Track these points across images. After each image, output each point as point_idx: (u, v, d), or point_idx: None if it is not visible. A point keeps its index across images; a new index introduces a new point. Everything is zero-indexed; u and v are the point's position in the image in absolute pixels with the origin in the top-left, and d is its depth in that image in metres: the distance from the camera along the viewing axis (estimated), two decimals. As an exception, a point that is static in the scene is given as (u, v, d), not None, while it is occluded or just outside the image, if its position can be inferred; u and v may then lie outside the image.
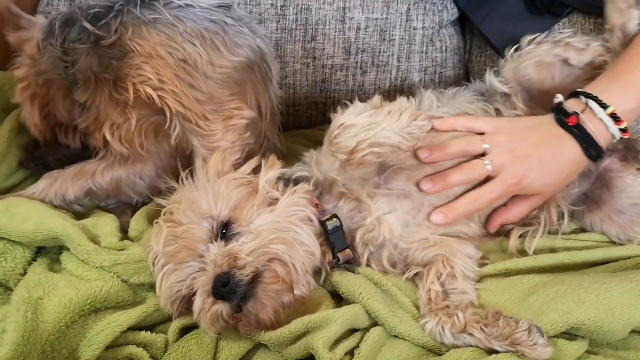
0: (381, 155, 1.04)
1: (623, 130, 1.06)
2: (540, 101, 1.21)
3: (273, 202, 1.07)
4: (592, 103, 1.05)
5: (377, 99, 1.11)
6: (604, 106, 1.05)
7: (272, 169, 1.11)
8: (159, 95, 1.10)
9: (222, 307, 0.95)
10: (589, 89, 1.08)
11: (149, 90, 1.10)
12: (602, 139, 1.06)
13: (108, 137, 1.17)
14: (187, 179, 1.10)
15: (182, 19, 1.14)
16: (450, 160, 1.10)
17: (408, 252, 1.11)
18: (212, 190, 1.06)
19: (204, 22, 1.16)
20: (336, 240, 1.09)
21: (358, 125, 1.04)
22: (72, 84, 1.16)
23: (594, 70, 1.17)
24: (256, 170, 1.13)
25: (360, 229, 1.10)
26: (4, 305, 0.99)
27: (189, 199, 1.06)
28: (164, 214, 1.08)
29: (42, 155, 1.33)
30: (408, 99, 1.17)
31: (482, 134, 1.11)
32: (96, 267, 1.04)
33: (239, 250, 0.98)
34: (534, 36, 1.22)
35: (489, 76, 1.24)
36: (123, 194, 1.27)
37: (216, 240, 1.01)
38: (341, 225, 1.09)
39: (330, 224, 1.09)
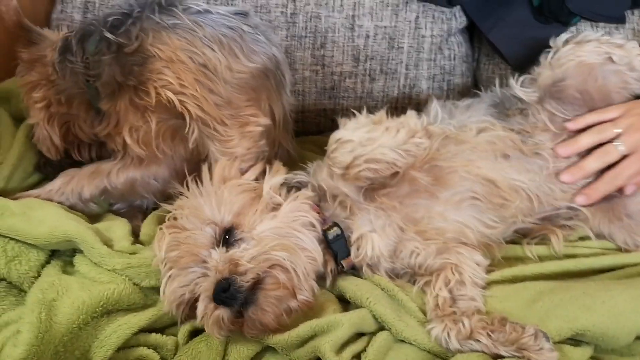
0: (377, 171, 1.05)
1: None
2: (576, 104, 1.18)
3: (276, 207, 1.08)
4: None
5: (380, 114, 1.11)
6: None
7: (277, 175, 1.13)
8: (179, 100, 1.11)
9: (223, 313, 0.96)
10: None
11: (170, 94, 1.11)
12: None
13: (127, 140, 1.18)
14: (192, 184, 1.11)
15: (201, 25, 1.15)
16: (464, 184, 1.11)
17: (409, 264, 1.11)
18: (216, 196, 1.07)
19: (222, 28, 1.18)
20: (338, 249, 1.10)
21: (355, 140, 1.04)
22: (93, 96, 1.18)
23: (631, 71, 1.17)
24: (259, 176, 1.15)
25: (353, 244, 1.11)
26: (19, 306, 1.01)
27: (192, 204, 1.07)
28: (167, 220, 1.09)
29: (60, 161, 1.34)
30: (418, 113, 1.15)
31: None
32: (108, 270, 1.06)
33: (240, 256, 0.99)
34: (567, 36, 1.19)
35: (513, 84, 1.20)
36: (137, 194, 1.28)
37: (219, 246, 1.02)
38: (342, 233, 1.10)
39: (331, 233, 1.10)
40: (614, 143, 1.13)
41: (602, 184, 1.15)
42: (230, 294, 0.95)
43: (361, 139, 1.05)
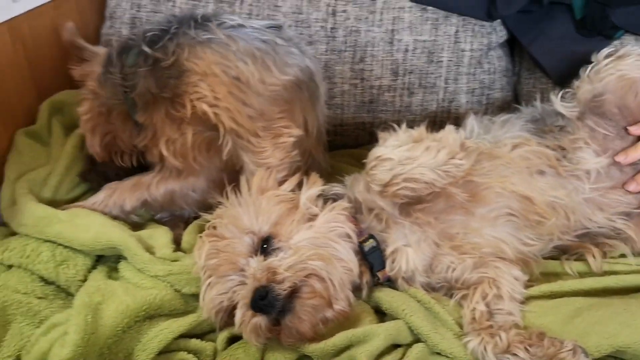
0: (415, 190, 1.04)
1: None
2: (616, 120, 1.17)
3: (312, 218, 1.09)
4: None
5: (420, 130, 1.11)
6: None
7: (314, 187, 1.14)
8: (214, 112, 1.14)
9: (261, 320, 0.98)
10: None
11: (205, 107, 1.13)
12: None
13: (164, 152, 1.22)
14: (231, 194, 1.13)
15: (234, 39, 1.18)
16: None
17: (445, 278, 1.11)
18: (254, 206, 1.08)
19: (255, 41, 1.20)
20: (374, 261, 1.10)
21: (394, 159, 1.04)
22: (130, 107, 1.22)
23: None
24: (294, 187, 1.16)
25: (388, 257, 1.11)
26: (67, 309, 1.04)
27: (231, 214, 1.09)
28: (207, 228, 1.11)
29: (103, 168, 1.39)
30: (457, 129, 1.16)
31: None
32: (151, 276, 1.09)
33: (277, 265, 1.00)
34: (609, 50, 1.18)
35: (554, 99, 1.20)
36: (176, 205, 1.31)
37: (256, 255, 1.03)
38: (378, 245, 1.10)
39: (367, 245, 1.10)
40: None
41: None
42: (268, 301, 0.97)
43: (401, 157, 1.04)
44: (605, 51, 1.18)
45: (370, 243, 1.10)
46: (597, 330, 0.96)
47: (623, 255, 1.16)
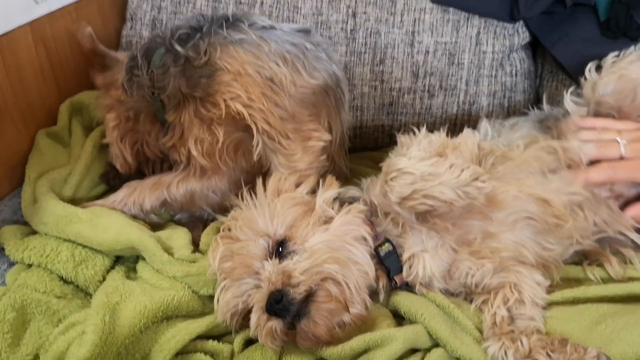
0: (433, 207, 1.02)
1: None
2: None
3: (328, 221, 1.09)
4: None
5: (441, 138, 1.09)
6: None
7: (330, 189, 1.13)
8: (248, 113, 1.13)
9: (276, 324, 0.97)
10: None
11: (239, 107, 1.13)
12: None
13: (193, 151, 1.21)
14: (246, 196, 1.12)
15: (266, 40, 1.18)
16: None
17: (465, 284, 1.09)
18: (269, 208, 1.08)
19: (286, 44, 1.20)
20: (390, 265, 1.09)
21: (416, 174, 1.02)
22: (158, 109, 1.22)
23: None
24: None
25: (404, 263, 1.10)
26: (85, 308, 1.05)
27: (246, 216, 1.09)
28: (222, 230, 1.11)
29: (127, 174, 1.39)
30: (473, 131, 1.16)
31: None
32: (169, 277, 1.09)
33: (293, 268, 0.99)
34: (618, 53, 1.19)
35: (565, 96, 1.20)
36: (196, 206, 1.31)
37: (271, 258, 1.03)
38: (394, 249, 1.09)
39: (382, 250, 1.09)
40: (617, 139, 1.10)
41: (595, 171, 1.10)
42: (283, 305, 0.96)
43: (423, 172, 1.02)
44: (614, 54, 1.19)
45: (386, 247, 1.09)
46: (621, 337, 0.94)
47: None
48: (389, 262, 1.09)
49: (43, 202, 1.21)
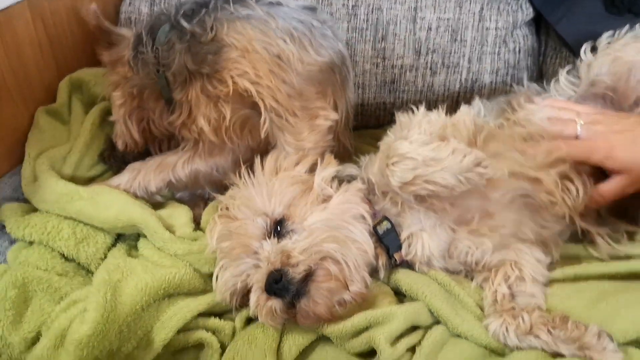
0: (433, 192, 1.01)
1: None
2: (608, 105, 1.17)
3: (327, 199, 1.08)
4: None
5: (440, 119, 1.09)
6: None
7: (328, 168, 1.13)
8: (256, 90, 1.12)
9: (276, 303, 0.97)
10: None
11: (247, 84, 1.12)
12: None
13: (204, 127, 1.19)
14: (244, 175, 1.12)
15: (274, 16, 1.16)
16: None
17: (465, 262, 1.09)
18: (267, 187, 1.08)
19: (293, 21, 1.18)
20: (389, 243, 1.09)
21: (419, 160, 1.00)
22: (162, 87, 1.20)
23: None
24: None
25: (403, 242, 1.10)
26: (86, 286, 1.05)
27: (244, 195, 1.09)
28: (220, 210, 1.11)
29: (122, 153, 1.39)
30: (470, 108, 1.15)
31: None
32: (170, 255, 1.09)
33: (292, 248, 0.99)
34: (614, 32, 1.17)
35: (561, 76, 1.20)
36: (200, 185, 1.31)
37: (270, 238, 1.03)
38: (392, 226, 1.09)
39: (381, 228, 1.09)
40: (575, 119, 1.09)
41: (552, 143, 1.09)
42: (282, 285, 0.96)
43: (425, 158, 1.00)
44: (608, 33, 1.17)
45: (385, 225, 1.09)
46: (622, 315, 0.94)
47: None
48: (387, 240, 1.09)
49: (43, 180, 1.21)
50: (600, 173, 1.10)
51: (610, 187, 1.08)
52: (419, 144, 1.02)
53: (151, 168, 1.28)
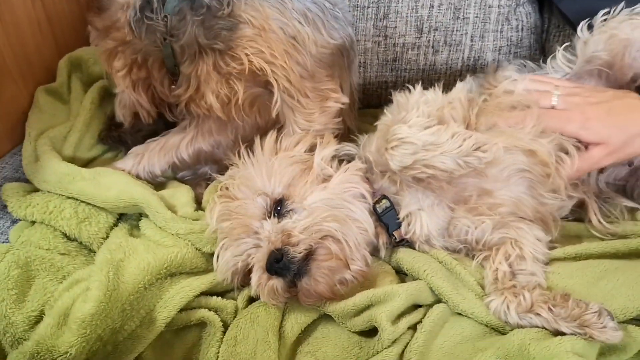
0: (433, 175, 1.01)
1: None
2: (605, 82, 1.17)
3: (326, 179, 1.09)
4: None
5: (438, 99, 1.08)
6: None
7: (328, 147, 1.13)
8: (271, 69, 1.11)
9: (277, 283, 0.98)
10: None
11: (262, 63, 1.11)
12: None
13: (214, 104, 1.18)
14: (244, 154, 1.12)
15: None
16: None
17: (465, 240, 1.10)
18: (266, 167, 1.08)
19: (307, 2, 1.18)
20: (389, 221, 1.09)
21: (418, 144, 1.00)
22: (167, 56, 1.16)
23: None
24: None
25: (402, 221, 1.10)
26: (89, 266, 1.05)
27: (244, 175, 1.09)
28: (220, 189, 1.11)
29: (120, 134, 1.39)
30: (464, 85, 1.17)
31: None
32: (172, 235, 1.10)
33: (292, 227, 1.00)
34: (611, 9, 1.16)
35: (558, 53, 1.20)
36: (201, 164, 1.31)
37: (270, 217, 1.03)
38: (392, 205, 1.09)
39: (380, 206, 1.09)
40: (552, 91, 1.12)
41: (528, 112, 1.11)
42: (284, 264, 0.97)
43: (425, 142, 1.00)
44: (605, 10, 1.17)
45: (383, 203, 1.09)
46: (622, 293, 0.95)
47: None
48: (387, 218, 1.09)
49: (45, 161, 1.21)
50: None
51: (586, 159, 1.09)
52: (418, 127, 1.02)
53: (154, 151, 1.28)
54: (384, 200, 1.10)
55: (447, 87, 1.13)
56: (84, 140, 1.34)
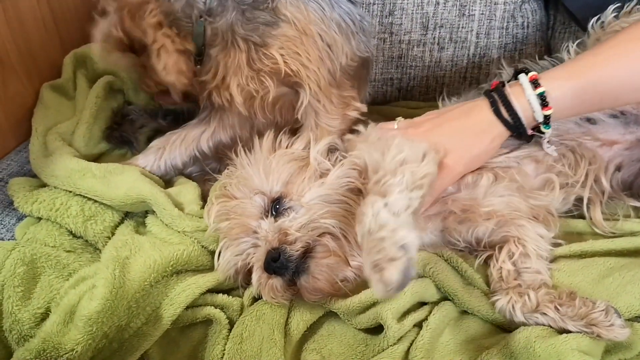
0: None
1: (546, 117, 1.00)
2: None
3: (324, 173, 1.08)
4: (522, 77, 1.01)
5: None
6: (535, 83, 0.99)
7: (322, 140, 1.12)
8: (306, 74, 1.12)
9: (276, 282, 0.98)
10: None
11: (298, 66, 1.11)
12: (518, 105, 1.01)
13: (237, 98, 1.16)
14: (241, 153, 1.12)
15: (332, 5, 1.15)
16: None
17: (466, 240, 1.09)
18: (264, 166, 1.07)
19: (341, 12, 1.17)
20: None
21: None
22: (197, 35, 1.12)
23: None
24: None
25: None
26: (94, 263, 1.06)
27: (241, 174, 1.09)
28: (217, 189, 1.11)
29: (122, 134, 1.40)
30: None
31: None
32: (178, 232, 1.10)
33: (288, 225, 1.00)
34: (620, 4, 1.16)
35: (571, 49, 1.18)
36: (217, 156, 1.31)
37: (268, 216, 1.03)
38: None
39: None
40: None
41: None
42: (281, 263, 0.97)
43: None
44: (614, 6, 1.16)
45: None
46: (628, 290, 0.95)
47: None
48: None
49: (57, 156, 1.21)
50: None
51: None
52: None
53: (176, 145, 1.28)
54: None
55: (452, 85, 1.12)
56: (93, 132, 1.34)
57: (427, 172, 0.94)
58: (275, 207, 1.04)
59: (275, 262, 0.97)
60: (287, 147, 1.13)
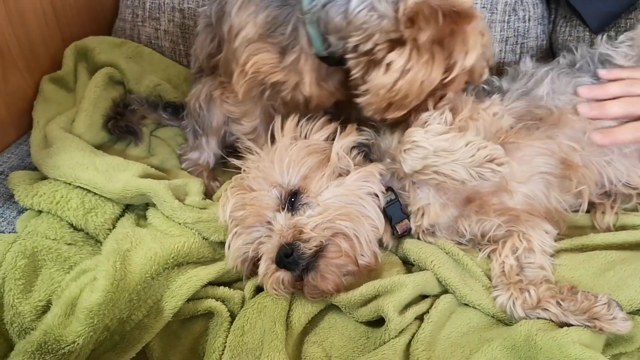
0: (444, 182, 1.00)
1: None
2: None
3: (343, 172, 1.08)
4: None
5: (469, 107, 1.05)
6: None
7: (348, 137, 1.11)
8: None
9: (284, 275, 0.98)
10: None
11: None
12: None
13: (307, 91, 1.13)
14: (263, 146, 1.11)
15: None
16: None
17: (472, 232, 1.09)
18: (284, 157, 1.07)
19: None
20: (392, 213, 1.09)
21: (429, 149, 0.98)
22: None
23: None
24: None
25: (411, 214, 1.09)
26: (95, 256, 1.05)
27: (260, 166, 1.08)
28: (234, 180, 1.10)
29: (127, 123, 1.40)
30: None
31: None
32: (179, 224, 1.10)
33: (304, 223, 0.99)
34: None
35: (602, 43, 1.17)
36: None
37: (284, 209, 1.03)
38: (397, 197, 1.08)
39: (385, 198, 1.08)
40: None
41: (621, 129, 1.07)
42: (293, 259, 0.97)
43: (437, 148, 0.98)
44: None
45: (388, 195, 1.09)
46: (629, 284, 0.95)
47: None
48: (390, 211, 1.09)
49: (60, 147, 1.21)
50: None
51: None
52: (434, 133, 1.00)
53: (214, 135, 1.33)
54: (389, 192, 1.09)
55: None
56: (94, 119, 1.34)
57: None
58: (291, 200, 1.04)
59: (287, 258, 0.97)
60: (307, 136, 1.12)
